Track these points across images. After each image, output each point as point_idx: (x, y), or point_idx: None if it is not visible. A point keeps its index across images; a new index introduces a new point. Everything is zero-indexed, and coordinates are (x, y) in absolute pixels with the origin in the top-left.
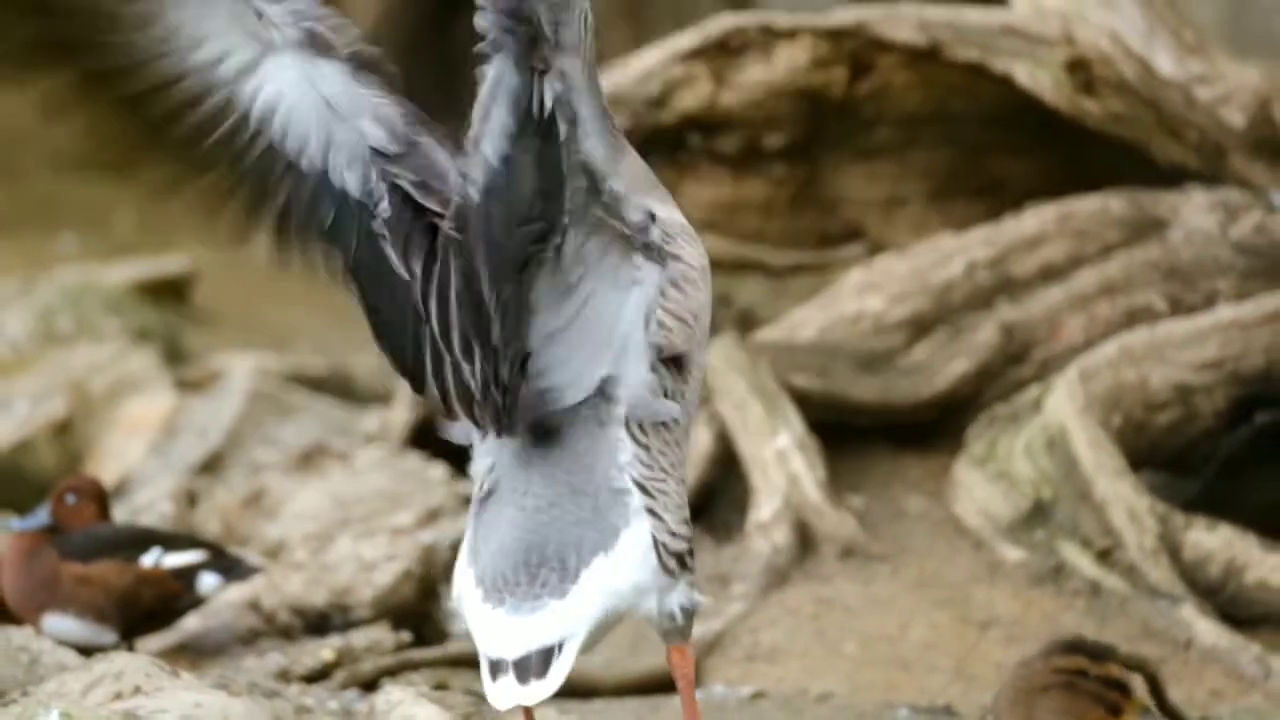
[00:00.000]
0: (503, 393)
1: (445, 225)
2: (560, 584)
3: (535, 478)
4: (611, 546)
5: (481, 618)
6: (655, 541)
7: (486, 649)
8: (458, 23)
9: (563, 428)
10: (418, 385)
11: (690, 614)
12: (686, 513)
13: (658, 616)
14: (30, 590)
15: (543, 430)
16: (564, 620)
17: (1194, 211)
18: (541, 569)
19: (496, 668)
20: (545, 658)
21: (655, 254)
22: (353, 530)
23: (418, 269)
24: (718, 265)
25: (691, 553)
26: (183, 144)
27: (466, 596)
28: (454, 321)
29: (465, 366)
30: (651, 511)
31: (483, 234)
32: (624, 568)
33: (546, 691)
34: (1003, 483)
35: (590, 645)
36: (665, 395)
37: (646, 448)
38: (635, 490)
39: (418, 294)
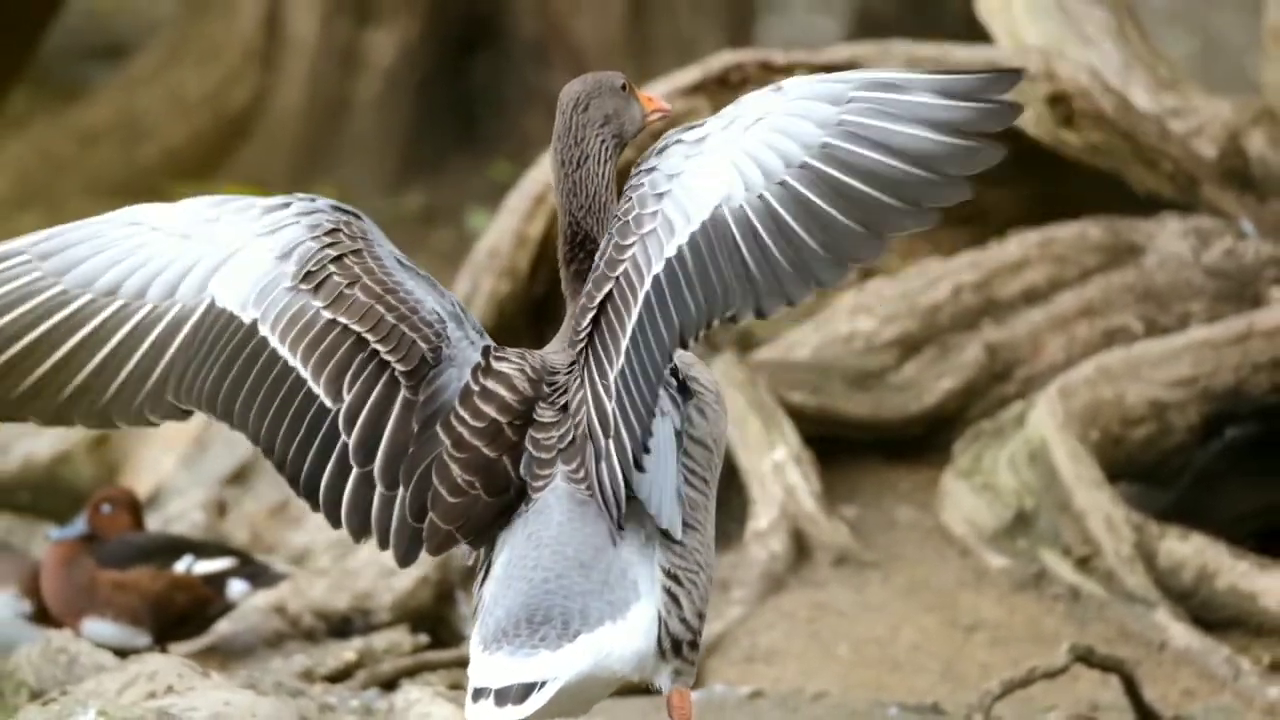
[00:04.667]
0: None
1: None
2: (557, 640)
3: (545, 555)
4: (619, 617)
5: (478, 661)
6: (661, 620)
7: (474, 680)
8: (473, 60)
9: (573, 518)
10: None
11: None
12: (705, 610)
13: (650, 680)
14: (69, 596)
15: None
16: (551, 666)
17: (1168, 238)
18: (543, 626)
19: (479, 694)
20: (525, 691)
21: (682, 386)
22: None
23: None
24: None
25: (694, 646)
26: None
27: (471, 651)
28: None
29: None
30: (670, 594)
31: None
32: (624, 636)
33: (520, 715)
34: (987, 494)
35: (582, 700)
36: (688, 506)
37: (682, 543)
38: (660, 573)
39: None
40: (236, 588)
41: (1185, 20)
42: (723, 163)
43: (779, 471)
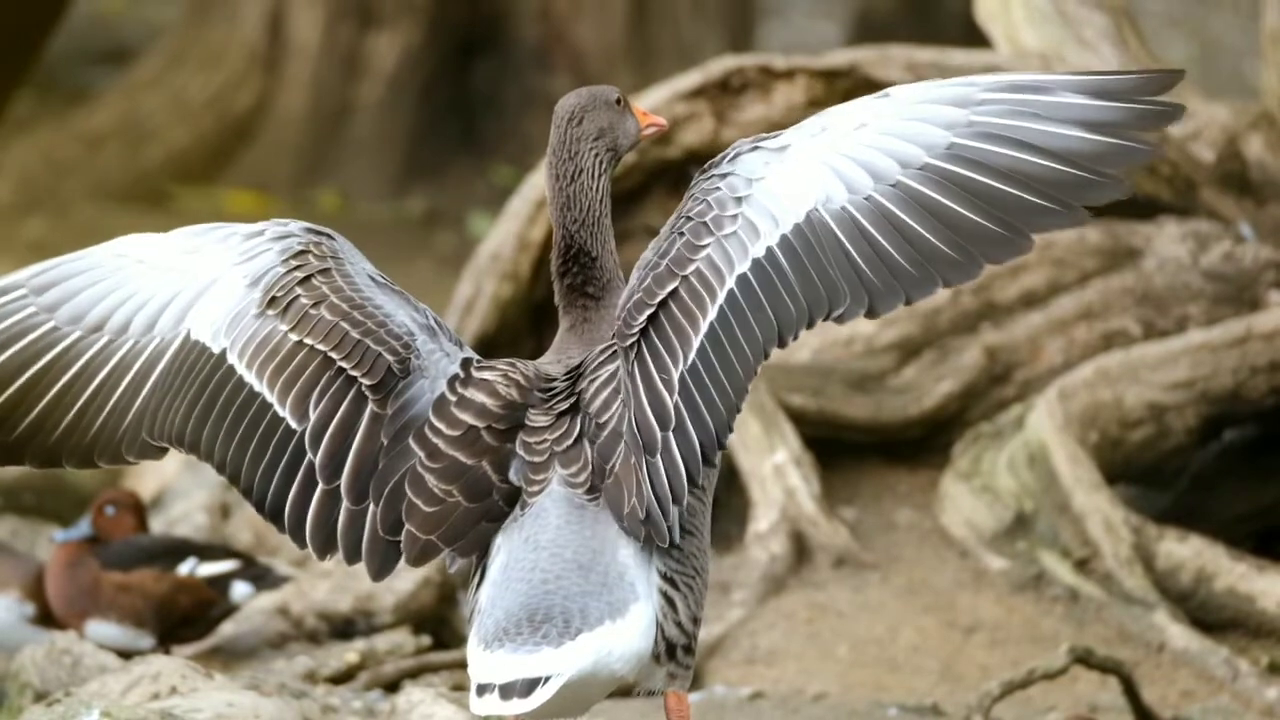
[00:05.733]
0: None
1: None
2: (559, 638)
3: (544, 557)
4: (618, 617)
5: (479, 659)
6: (658, 623)
7: (477, 677)
8: (475, 64)
9: (571, 521)
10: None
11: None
12: (701, 615)
13: (645, 683)
14: (73, 597)
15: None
16: (554, 662)
17: (1167, 241)
18: (544, 625)
19: (483, 689)
20: (530, 685)
21: None
22: None
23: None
24: None
25: (689, 651)
26: None
27: (469, 652)
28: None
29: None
30: (667, 597)
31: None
32: (625, 636)
33: (525, 708)
34: (987, 496)
35: (581, 700)
36: (686, 511)
37: (679, 548)
38: (657, 577)
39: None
40: (240, 590)
41: (1184, 25)
42: (814, 167)
43: (779, 474)
